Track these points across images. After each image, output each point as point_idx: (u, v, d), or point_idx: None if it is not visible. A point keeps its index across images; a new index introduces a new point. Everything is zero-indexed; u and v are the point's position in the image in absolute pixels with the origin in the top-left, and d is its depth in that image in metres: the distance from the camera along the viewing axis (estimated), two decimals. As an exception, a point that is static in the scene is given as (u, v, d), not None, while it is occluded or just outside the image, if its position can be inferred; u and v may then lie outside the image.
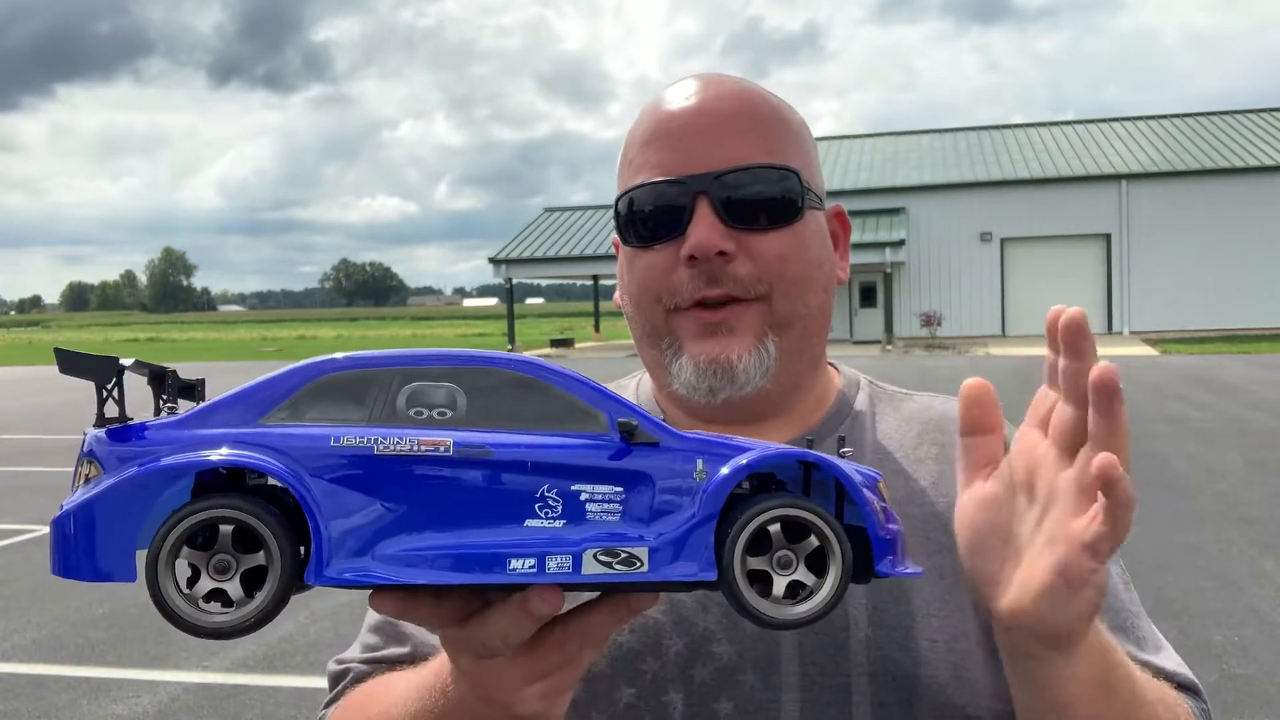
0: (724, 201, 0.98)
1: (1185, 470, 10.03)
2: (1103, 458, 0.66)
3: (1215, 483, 9.40)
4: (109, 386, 0.69)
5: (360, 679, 1.04)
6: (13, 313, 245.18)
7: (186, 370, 0.73)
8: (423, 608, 0.72)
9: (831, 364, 1.16)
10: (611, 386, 1.21)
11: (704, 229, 0.97)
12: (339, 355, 0.72)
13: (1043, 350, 0.76)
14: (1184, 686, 1.00)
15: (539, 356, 0.73)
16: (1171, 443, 11.66)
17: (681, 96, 1.03)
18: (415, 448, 0.68)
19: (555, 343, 38.21)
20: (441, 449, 0.68)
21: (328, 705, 1.06)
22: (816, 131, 1.14)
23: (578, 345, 38.46)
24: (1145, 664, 0.98)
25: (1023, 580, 0.75)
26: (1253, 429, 12.66)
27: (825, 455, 0.71)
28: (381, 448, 0.68)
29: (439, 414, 0.70)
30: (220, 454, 0.67)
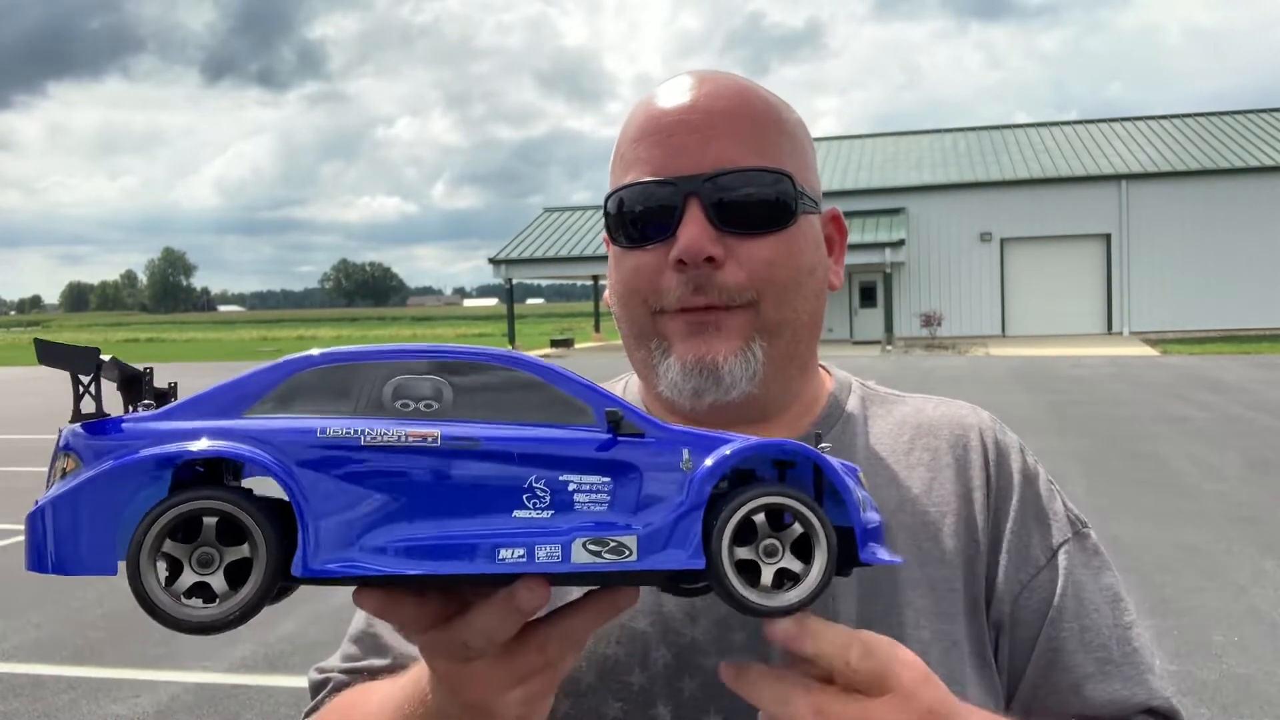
0: (715, 204, 0.95)
1: (1185, 470, 10.01)
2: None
3: (1215, 483, 9.39)
4: (87, 380, 0.68)
5: (340, 689, 1.04)
6: (12, 313, 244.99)
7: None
8: (405, 606, 0.71)
9: (823, 366, 1.15)
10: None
11: (693, 232, 0.94)
12: (320, 350, 0.71)
13: (1042, 351, 0.76)
14: (1162, 712, 1.00)
15: (536, 355, 0.73)
16: (1171, 443, 11.65)
17: (676, 93, 1.00)
18: (403, 439, 0.68)
19: (555, 342, 38.20)
20: (429, 440, 0.68)
21: (308, 715, 1.05)
22: (817, 130, 1.14)
23: (578, 345, 38.46)
24: (1115, 700, 0.98)
25: None
26: (1253, 429, 12.65)
27: (808, 445, 0.72)
28: (369, 439, 0.67)
29: (425, 406, 0.70)
30: (203, 444, 0.65)
